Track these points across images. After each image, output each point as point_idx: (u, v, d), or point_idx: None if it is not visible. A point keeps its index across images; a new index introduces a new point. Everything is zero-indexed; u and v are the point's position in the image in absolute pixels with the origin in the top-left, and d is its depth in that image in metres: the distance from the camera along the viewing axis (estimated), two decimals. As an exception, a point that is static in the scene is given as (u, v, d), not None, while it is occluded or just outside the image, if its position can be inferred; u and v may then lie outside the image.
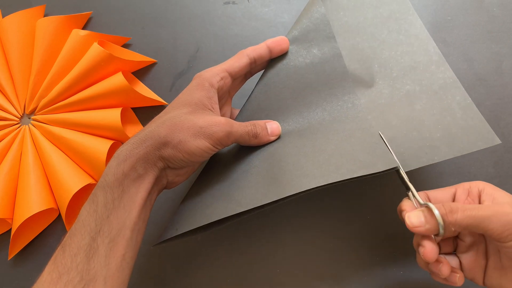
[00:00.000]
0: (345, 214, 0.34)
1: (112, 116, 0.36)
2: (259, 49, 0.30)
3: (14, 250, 0.35)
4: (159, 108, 0.40)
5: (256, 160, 0.29)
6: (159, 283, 0.33)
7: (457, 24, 0.40)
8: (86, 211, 0.24)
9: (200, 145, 0.26)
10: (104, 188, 0.24)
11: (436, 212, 0.22)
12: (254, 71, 0.33)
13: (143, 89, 0.40)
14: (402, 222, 0.24)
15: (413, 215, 0.23)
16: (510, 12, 0.40)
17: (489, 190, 0.24)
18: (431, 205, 0.23)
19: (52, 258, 0.23)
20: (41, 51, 0.40)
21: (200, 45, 0.42)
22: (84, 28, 0.44)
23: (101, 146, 0.35)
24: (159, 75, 0.41)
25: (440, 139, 0.28)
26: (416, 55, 0.31)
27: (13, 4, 0.45)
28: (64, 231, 0.36)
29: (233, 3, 0.44)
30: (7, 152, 0.38)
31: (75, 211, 0.36)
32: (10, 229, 0.36)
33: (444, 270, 0.24)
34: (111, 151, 0.37)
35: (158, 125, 0.26)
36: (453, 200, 0.26)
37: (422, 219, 0.23)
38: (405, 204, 0.25)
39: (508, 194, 0.24)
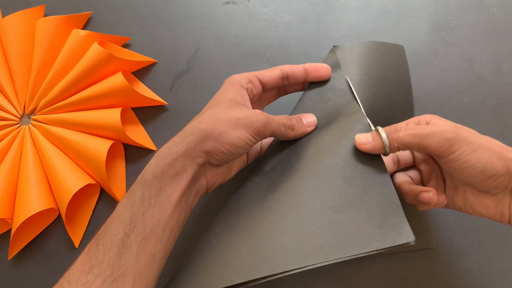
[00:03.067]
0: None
1: (112, 116, 0.36)
2: (294, 67, 0.31)
3: (14, 250, 0.35)
4: (159, 108, 0.40)
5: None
6: None
7: (457, 24, 0.40)
8: (122, 206, 0.24)
9: (240, 136, 0.26)
10: (142, 184, 0.24)
11: (380, 129, 0.26)
12: (288, 89, 0.33)
13: (143, 89, 0.40)
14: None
15: (362, 135, 0.26)
16: (510, 12, 0.40)
17: (435, 120, 0.26)
18: (379, 127, 0.26)
19: (86, 248, 0.23)
20: (41, 51, 0.40)
21: (200, 45, 0.42)
22: (84, 28, 0.44)
23: (101, 146, 0.35)
24: (159, 75, 0.41)
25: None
26: None
27: (13, 4, 0.45)
28: (64, 231, 0.36)
29: (233, 3, 0.44)
30: (7, 152, 0.38)
31: (75, 211, 0.36)
32: (10, 229, 0.36)
33: (434, 196, 0.26)
34: (111, 151, 0.37)
35: (197, 122, 0.26)
36: None
37: (370, 138, 0.26)
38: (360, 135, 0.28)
39: (451, 122, 0.26)
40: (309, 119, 0.30)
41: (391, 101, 0.33)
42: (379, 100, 0.32)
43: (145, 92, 0.40)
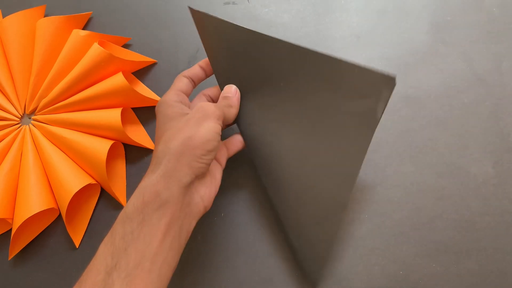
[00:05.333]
0: (345, 215, 0.34)
1: (112, 116, 0.36)
2: (193, 70, 0.33)
3: (14, 250, 0.35)
4: (159, 108, 0.40)
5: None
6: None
7: (457, 24, 0.40)
8: (104, 245, 0.23)
9: (208, 129, 0.26)
10: (123, 220, 0.23)
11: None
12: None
13: (143, 89, 0.40)
14: (402, 222, 0.24)
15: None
16: (510, 12, 0.40)
17: None
18: None
19: None
20: (41, 51, 0.40)
21: (200, 45, 0.42)
22: (84, 28, 0.44)
23: (101, 146, 0.35)
24: (159, 75, 0.41)
25: None
26: None
27: (13, 4, 0.45)
28: (64, 231, 0.36)
29: (233, 3, 0.44)
30: (7, 152, 0.38)
31: (75, 211, 0.36)
32: (10, 229, 0.36)
33: None
34: (111, 151, 0.37)
35: (164, 142, 0.26)
36: None
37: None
38: None
39: None
40: (231, 89, 0.31)
41: None
42: None
43: (145, 92, 0.40)
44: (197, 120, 0.26)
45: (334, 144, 0.26)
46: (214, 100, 0.34)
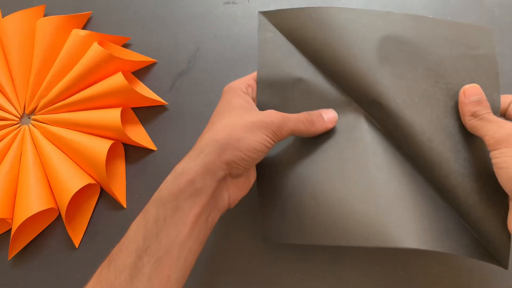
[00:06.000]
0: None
1: (112, 116, 0.36)
2: None
3: (14, 250, 0.35)
4: (159, 108, 0.40)
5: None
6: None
7: (457, 24, 0.40)
8: (136, 226, 0.23)
9: (259, 139, 0.25)
10: (157, 203, 0.23)
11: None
12: None
13: (143, 89, 0.40)
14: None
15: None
16: (510, 12, 0.40)
17: None
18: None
19: (98, 270, 0.23)
20: (41, 51, 0.40)
21: (200, 45, 0.42)
22: (84, 28, 0.44)
23: (101, 146, 0.35)
24: (159, 75, 0.41)
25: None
26: None
27: (13, 4, 0.45)
28: (64, 231, 0.36)
29: (233, 3, 0.44)
30: (7, 152, 0.38)
31: (75, 211, 0.36)
32: (10, 229, 0.36)
33: None
34: (111, 151, 0.37)
35: (212, 133, 0.25)
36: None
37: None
38: None
39: None
40: (329, 115, 0.29)
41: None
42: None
43: (145, 92, 0.40)
44: (254, 126, 0.25)
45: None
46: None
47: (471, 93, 0.27)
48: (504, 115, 0.28)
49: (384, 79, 0.27)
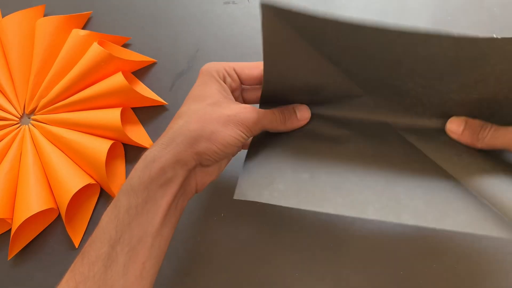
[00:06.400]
0: (344, 215, 0.34)
1: (112, 116, 0.36)
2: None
3: (14, 250, 0.35)
4: (159, 108, 0.40)
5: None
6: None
7: (457, 24, 0.40)
8: (107, 217, 0.23)
9: (232, 133, 0.25)
10: (128, 192, 0.23)
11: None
12: None
13: (143, 89, 0.40)
14: (402, 222, 0.24)
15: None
16: (510, 12, 0.40)
17: None
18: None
19: (72, 265, 0.23)
20: (41, 51, 0.40)
21: (200, 45, 0.42)
22: (84, 28, 0.44)
23: (101, 146, 0.35)
24: (159, 75, 0.41)
25: None
26: None
27: (13, 4, 0.45)
28: (63, 231, 0.36)
29: (233, 3, 0.44)
30: (7, 152, 0.38)
31: (75, 211, 0.36)
32: (10, 229, 0.36)
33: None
34: (111, 151, 0.37)
35: (185, 121, 0.25)
36: None
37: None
38: None
39: None
40: (303, 113, 0.28)
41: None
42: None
43: (145, 92, 0.40)
44: (229, 120, 0.25)
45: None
46: (241, 78, 0.29)
47: (457, 124, 0.26)
48: None
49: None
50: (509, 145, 0.24)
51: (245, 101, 0.31)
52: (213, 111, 0.25)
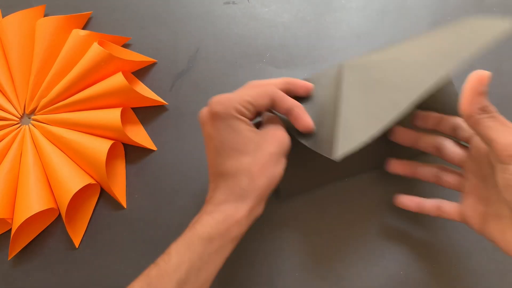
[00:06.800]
0: (344, 215, 0.34)
1: (112, 116, 0.36)
2: (282, 97, 0.28)
3: (14, 250, 0.35)
4: (159, 108, 0.40)
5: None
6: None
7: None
8: (179, 256, 0.24)
9: (282, 166, 0.27)
10: (204, 240, 0.24)
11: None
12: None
13: (143, 89, 0.40)
14: (402, 222, 0.25)
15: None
16: (510, 12, 0.40)
17: None
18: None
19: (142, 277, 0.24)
20: (41, 51, 0.40)
21: (200, 45, 0.42)
22: (84, 28, 0.44)
23: (101, 146, 0.35)
24: (159, 75, 0.41)
25: None
26: None
27: (13, 4, 0.45)
28: (64, 231, 0.36)
29: (233, 3, 0.44)
30: (7, 152, 0.38)
31: (75, 211, 0.36)
32: (10, 229, 0.36)
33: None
34: (111, 151, 0.37)
35: (249, 178, 0.25)
36: None
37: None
38: None
39: None
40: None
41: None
42: None
43: (145, 92, 0.40)
44: (277, 155, 0.26)
45: None
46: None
47: (485, 81, 0.22)
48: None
49: None
50: (492, 139, 0.23)
51: None
52: (263, 156, 0.26)
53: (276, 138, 0.27)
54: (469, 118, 0.23)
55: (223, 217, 0.25)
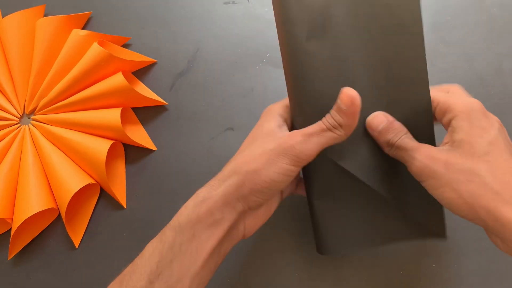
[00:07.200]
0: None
1: (112, 116, 0.36)
2: None
3: (14, 250, 0.35)
4: (159, 108, 0.40)
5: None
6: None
7: (457, 24, 0.40)
8: (151, 248, 0.23)
9: (278, 169, 0.23)
10: (175, 228, 0.23)
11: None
12: None
13: (143, 89, 0.40)
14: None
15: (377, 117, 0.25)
16: (510, 12, 0.40)
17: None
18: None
19: (109, 287, 0.23)
20: (41, 51, 0.40)
21: (200, 45, 0.42)
22: (84, 28, 0.44)
23: (101, 146, 0.35)
24: (159, 75, 0.41)
25: None
26: None
27: (13, 4, 0.45)
28: (63, 231, 0.36)
29: (233, 3, 0.44)
30: (6, 152, 0.38)
31: (75, 211, 0.36)
32: (10, 229, 0.36)
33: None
34: (111, 151, 0.37)
35: (236, 162, 0.24)
36: None
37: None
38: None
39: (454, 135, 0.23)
40: (350, 95, 0.22)
41: (397, 53, 0.26)
42: (380, 51, 0.26)
43: (145, 92, 0.40)
44: (273, 154, 0.23)
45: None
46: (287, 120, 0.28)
47: (376, 124, 0.25)
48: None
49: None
50: (403, 158, 0.24)
51: None
52: (258, 149, 0.24)
53: (284, 137, 0.24)
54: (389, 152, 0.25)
55: (193, 203, 0.24)
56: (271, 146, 0.23)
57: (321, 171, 0.27)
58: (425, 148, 0.23)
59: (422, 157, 0.22)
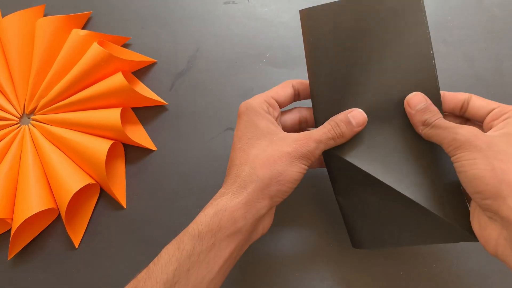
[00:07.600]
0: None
1: (112, 116, 0.36)
2: (305, 83, 0.30)
3: (14, 250, 0.35)
4: (159, 108, 0.40)
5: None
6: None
7: (457, 24, 0.40)
8: (168, 256, 0.23)
9: (298, 169, 0.25)
10: (194, 237, 0.23)
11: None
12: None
13: (143, 89, 0.40)
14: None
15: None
16: (510, 12, 0.40)
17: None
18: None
19: None
20: (41, 51, 0.40)
21: (200, 45, 0.42)
22: (84, 28, 0.44)
23: (101, 146, 0.35)
24: (159, 75, 0.41)
25: None
26: None
27: (13, 4, 0.45)
28: (63, 231, 0.36)
29: (233, 3, 0.44)
30: (6, 152, 0.38)
31: (75, 211, 0.36)
32: (10, 229, 0.36)
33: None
34: (111, 151, 0.37)
35: (251, 167, 0.25)
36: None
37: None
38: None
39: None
40: (357, 118, 0.26)
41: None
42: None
43: (145, 92, 0.40)
44: (293, 157, 0.25)
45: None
46: (308, 121, 0.31)
47: (415, 102, 0.26)
48: (461, 112, 0.28)
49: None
50: (438, 136, 0.24)
51: (282, 125, 0.30)
52: (274, 152, 0.25)
53: (297, 141, 0.26)
54: (420, 134, 0.26)
55: (214, 211, 0.24)
56: (288, 149, 0.25)
57: (344, 172, 0.28)
58: (471, 127, 0.23)
59: (466, 132, 0.23)
